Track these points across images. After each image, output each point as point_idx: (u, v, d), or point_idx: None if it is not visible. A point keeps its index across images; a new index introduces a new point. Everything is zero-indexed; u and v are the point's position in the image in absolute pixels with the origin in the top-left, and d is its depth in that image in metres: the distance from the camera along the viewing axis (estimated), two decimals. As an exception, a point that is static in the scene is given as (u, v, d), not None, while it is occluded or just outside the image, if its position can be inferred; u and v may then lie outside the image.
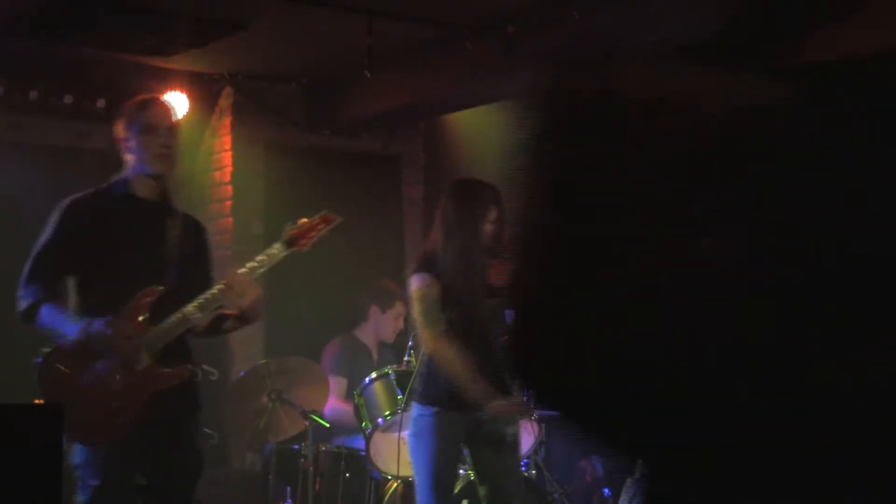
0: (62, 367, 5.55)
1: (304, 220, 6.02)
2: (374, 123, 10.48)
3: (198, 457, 5.92)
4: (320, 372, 8.74)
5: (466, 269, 6.26)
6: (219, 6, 8.35)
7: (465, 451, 6.72)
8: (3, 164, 9.54)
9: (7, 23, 8.38)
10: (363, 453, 8.08)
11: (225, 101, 10.15)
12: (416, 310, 6.28)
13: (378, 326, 9.35)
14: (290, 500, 8.60)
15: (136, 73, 9.53)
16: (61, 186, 9.72)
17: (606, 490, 9.82)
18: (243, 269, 5.78)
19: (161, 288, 5.68)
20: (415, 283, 6.31)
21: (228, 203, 10.05)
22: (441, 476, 6.36)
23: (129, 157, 5.87)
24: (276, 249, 5.92)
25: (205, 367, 9.94)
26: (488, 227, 6.31)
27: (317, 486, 8.44)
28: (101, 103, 9.51)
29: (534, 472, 8.45)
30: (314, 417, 8.36)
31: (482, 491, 6.55)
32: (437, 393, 6.36)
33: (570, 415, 1.55)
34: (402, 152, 11.06)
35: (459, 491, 7.57)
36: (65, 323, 5.58)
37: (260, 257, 5.90)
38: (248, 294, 5.72)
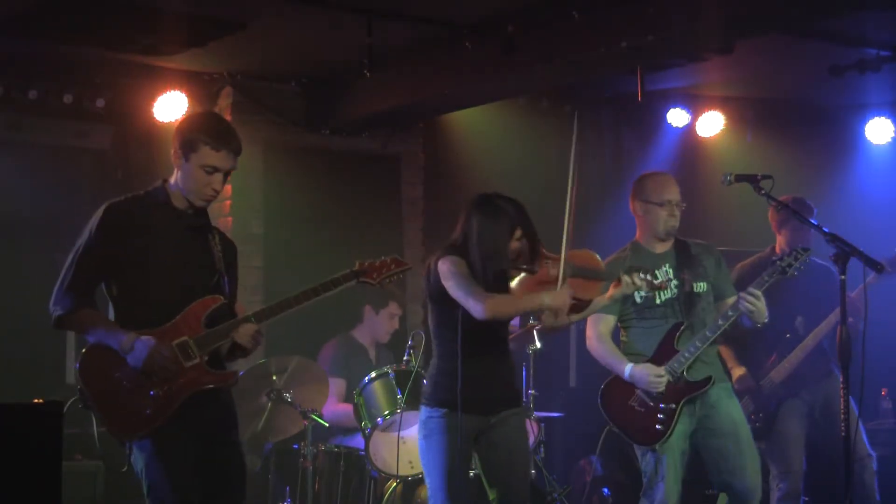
0: (103, 357, 5.47)
1: (374, 259, 5.96)
2: (373, 123, 10.47)
3: (244, 466, 5.84)
4: (320, 371, 8.73)
5: (488, 282, 6.26)
6: (218, 6, 8.34)
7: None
8: (3, 163, 9.53)
9: (6, 22, 8.38)
10: (362, 453, 8.08)
11: (224, 100, 10.14)
12: (453, 283, 6.17)
13: (373, 326, 9.34)
14: (289, 500, 8.60)
15: (136, 73, 9.53)
16: (61, 185, 9.78)
17: (606, 490, 9.83)
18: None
19: (222, 298, 5.65)
20: (446, 263, 6.25)
21: (227, 203, 10.04)
22: (454, 477, 6.30)
23: (176, 170, 5.70)
24: (342, 278, 5.85)
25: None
26: (514, 245, 6.33)
27: (316, 486, 8.45)
28: (100, 103, 9.50)
29: (533, 471, 8.45)
30: (313, 417, 8.36)
31: (491, 495, 6.52)
32: (446, 395, 6.33)
33: None
34: (401, 152, 11.05)
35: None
36: (106, 334, 5.50)
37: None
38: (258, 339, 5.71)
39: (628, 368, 7.01)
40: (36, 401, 5.20)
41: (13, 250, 9.55)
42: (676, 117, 11.14)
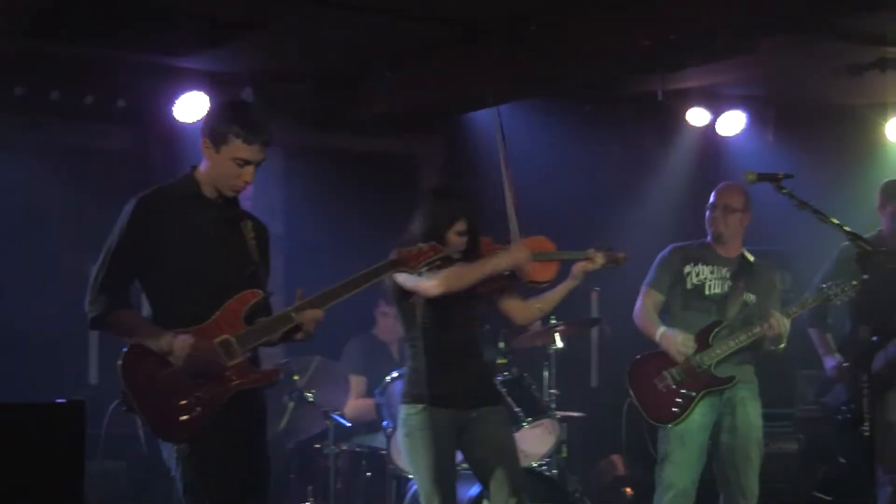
0: (145, 359, 5.34)
1: (412, 247, 5.83)
2: (393, 123, 10.48)
3: (270, 466, 5.75)
4: (341, 371, 8.75)
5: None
6: (235, 7, 8.33)
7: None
8: (25, 164, 9.56)
9: (27, 24, 8.40)
10: (384, 452, 8.08)
11: (245, 100, 10.16)
12: (408, 277, 6.24)
13: (385, 324, 9.37)
14: (311, 500, 8.61)
15: (156, 73, 9.54)
16: (82, 186, 9.81)
17: (628, 489, 9.81)
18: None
19: (261, 293, 5.55)
20: None
21: (248, 203, 10.05)
22: (441, 471, 6.35)
23: (206, 160, 5.60)
24: (382, 267, 5.74)
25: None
26: (453, 238, 6.43)
27: (337, 485, 8.45)
28: (121, 103, 9.52)
29: (555, 471, 8.44)
30: (335, 417, 8.37)
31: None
32: (422, 391, 6.40)
33: None
34: (420, 151, 11.07)
35: (479, 494, 7.55)
36: (145, 336, 5.36)
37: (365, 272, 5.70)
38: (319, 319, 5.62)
39: (661, 330, 7.45)
40: (58, 400, 5.20)
41: (35, 250, 9.58)
42: (696, 116, 11.11)
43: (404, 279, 6.27)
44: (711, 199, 7.58)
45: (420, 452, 6.39)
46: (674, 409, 7.32)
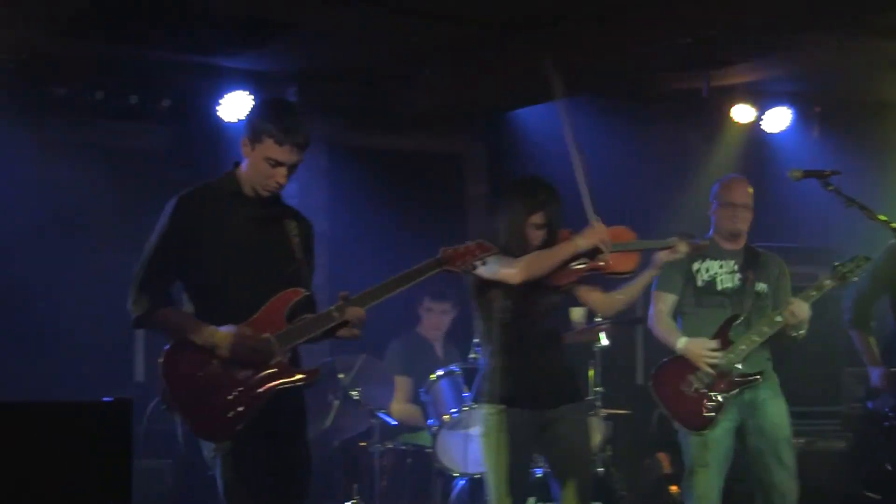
0: (186, 358, 5.36)
1: (458, 246, 5.77)
2: (436, 121, 10.47)
3: (311, 466, 5.76)
4: (386, 370, 8.74)
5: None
6: (280, 6, 8.35)
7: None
8: (68, 164, 9.60)
9: (71, 24, 8.43)
10: (429, 450, 8.07)
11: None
12: (484, 267, 6.10)
13: (429, 321, 9.37)
14: (356, 497, 8.61)
15: (201, 73, 9.57)
16: (126, 186, 9.85)
17: (673, 487, 9.77)
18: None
19: (303, 291, 5.56)
20: None
21: (294, 202, 10.06)
22: (513, 474, 6.33)
23: (245, 158, 5.61)
24: (426, 266, 5.68)
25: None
26: (530, 231, 6.38)
27: (383, 483, 8.45)
28: (166, 103, 9.55)
29: (600, 469, 8.42)
30: (380, 415, 8.37)
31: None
32: (503, 391, 6.35)
33: None
34: (464, 149, 11.05)
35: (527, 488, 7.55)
36: (189, 331, 5.38)
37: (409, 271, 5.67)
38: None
39: (682, 341, 7.22)
40: (105, 399, 5.21)
41: (80, 249, 9.63)
42: (741, 113, 11.06)
43: (485, 272, 6.10)
44: (727, 196, 7.45)
45: (496, 453, 6.35)
46: (706, 415, 7.09)
